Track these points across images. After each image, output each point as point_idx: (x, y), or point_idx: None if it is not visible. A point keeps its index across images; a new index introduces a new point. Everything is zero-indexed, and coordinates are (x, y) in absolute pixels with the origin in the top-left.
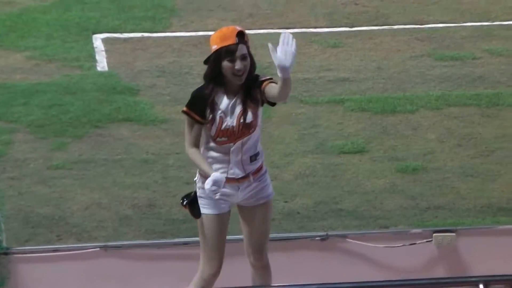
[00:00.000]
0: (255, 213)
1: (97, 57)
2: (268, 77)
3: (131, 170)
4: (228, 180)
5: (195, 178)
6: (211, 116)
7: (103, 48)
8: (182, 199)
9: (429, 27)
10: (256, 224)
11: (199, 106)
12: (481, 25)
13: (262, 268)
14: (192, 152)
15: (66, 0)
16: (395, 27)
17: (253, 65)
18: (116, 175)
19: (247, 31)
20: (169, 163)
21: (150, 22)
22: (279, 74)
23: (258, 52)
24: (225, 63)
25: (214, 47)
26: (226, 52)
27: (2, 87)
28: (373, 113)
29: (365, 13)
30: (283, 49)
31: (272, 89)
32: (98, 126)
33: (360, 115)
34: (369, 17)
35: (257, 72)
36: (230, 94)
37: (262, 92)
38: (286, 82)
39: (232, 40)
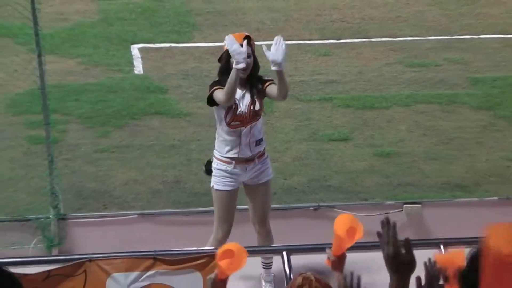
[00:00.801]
0: (258, 190)
1: (135, 62)
2: (270, 79)
3: (161, 154)
4: (238, 161)
5: (211, 160)
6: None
7: (139, 56)
8: (204, 166)
9: (400, 40)
10: (259, 199)
11: (220, 86)
12: (442, 39)
13: (266, 234)
14: (224, 91)
15: (109, 17)
16: (374, 40)
17: (256, 64)
18: (149, 157)
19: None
20: (192, 148)
21: (176, 35)
22: (273, 68)
23: (263, 59)
24: (232, 61)
25: (226, 48)
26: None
27: (58, 87)
28: (356, 108)
29: (350, 28)
30: (275, 47)
31: (272, 89)
32: (135, 118)
33: (345, 110)
34: (352, 31)
35: (261, 74)
36: (240, 86)
37: (264, 90)
38: (281, 76)
39: (240, 41)
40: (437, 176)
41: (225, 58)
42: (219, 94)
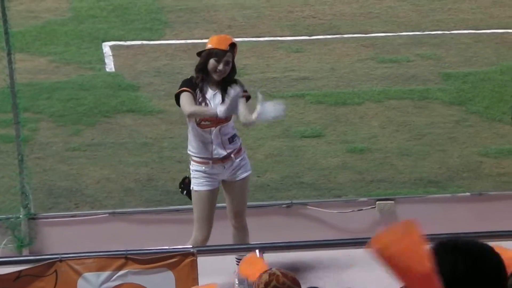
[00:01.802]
0: (236, 185)
1: (106, 60)
2: (245, 90)
3: (133, 151)
4: (214, 160)
5: (188, 177)
6: (200, 99)
7: (110, 53)
8: (180, 186)
9: (372, 36)
10: (236, 194)
11: (190, 87)
12: (414, 34)
13: (242, 228)
14: (192, 109)
15: (80, 14)
16: (345, 36)
17: (233, 70)
18: (121, 155)
19: None
20: (164, 145)
21: (148, 32)
22: (244, 121)
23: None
24: (212, 61)
25: (209, 46)
26: (216, 54)
27: (29, 85)
28: (328, 105)
29: (321, 25)
30: (262, 112)
31: (242, 106)
32: (107, 116)
33: (318, 106)
34: (324, 28)
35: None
36: (212, 86)
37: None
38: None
39: (225, 46)
40: (410, 172)
41: (205, 57)
42: (185, 103)
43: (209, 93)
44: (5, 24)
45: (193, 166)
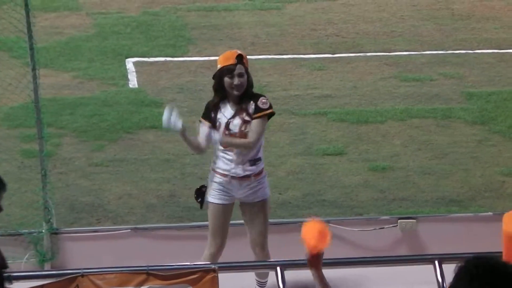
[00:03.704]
0: (254, 210)
1: (129, 76)
2: (264, 108)
3: (155, 167)
4: (232, 178)
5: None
6: (218, 121)
7: (134, 70)
8: (195, 192)
9: (395, 55)
10: (256, 219)
11: (208, 114)
12: (437, 53)
13: (263, 258)
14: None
15: (104, 31)
16: (368, 54)
17: (250, 81)
18: (143, 171)
19: (248, 56)
20: (186, 162)
21: (171, 49)
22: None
23: (259, 73)
24: (226, 79)
25: (219, 66)
26: (227, 70)
27: (53, 100)
28: (350, 123)
29: (344, 43)
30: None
31: (251, 126)
32: (130, 132)
33: (340, 124)
34: (347, 46)
35: (255, 88)
36: (233, 105)
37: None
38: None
39: (232, 60)
40: (432, 191)
41: (218, 77)
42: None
43: (228, 112)
44: (30, 40)
45: (213, 176)
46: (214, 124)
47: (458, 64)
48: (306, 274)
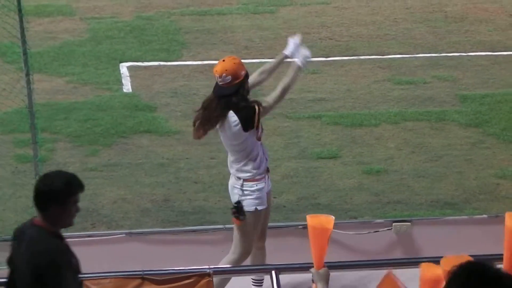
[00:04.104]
0: (269, 200)
1: (123, 81)
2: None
3: (150, 172)
4: (266, 173)
5: (245, 187)
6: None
7: (128, 74)
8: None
9: (389, 58)
10: (268, 210)
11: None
12: (430, 56)
13: (264, 248)
14: (279, 90)
15: (98, 35)
16: (362, 57)
17: None
18: (138, 175)
19: (242, 60)
20: (181, 166)
21: (165, 53)
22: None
23: None
24: (247, 84)
25: (243, 73)
26: (247, 75)
27: (47, 105)
28: (344, 126)
29: (338, 46)
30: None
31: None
32: (124, 137)
33: (334, 128)
34: (341, 49)
35: (251, 93)
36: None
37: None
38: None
39: (243, 68)
40: (426, 193)
41: (247, 82)
42: (272, 101)
43: None
44: (24, 45)
45: (256, 185)
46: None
47: (452, 67)
48: (301, 278)
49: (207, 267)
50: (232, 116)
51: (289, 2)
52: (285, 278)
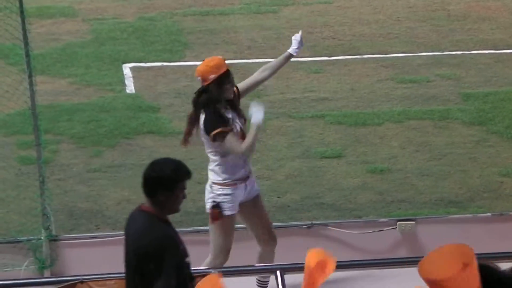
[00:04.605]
0: (256, 203)
1: (126, 82)
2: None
3: None
4: (241, 181)
5: (213, 189)
6: (235, 128)
7: (131, 75)
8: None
9: (392, 56)
10: (260, 210)
11: (223, 119)
12: (433, 55)
13: (273, 251)
14: (243, 146)
15: (101, 36)
16: (365, 56)
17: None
18: (141, 176)
19: (245, 60)
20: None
21: (168, 53)
22: (293, 52)
23: None
24: (227, 86)
25: (213, 76)
26: (226, 77)
27: (50, 107)
28: (348, 125)
29: (341, 45)
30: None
31: (246, 83)
32: (127, 138)
33: (338, 127)
34: (344, 48)
35: (252, 94)
36: (227, 108)
37: (238, 95)
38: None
39: (226, 66)
40: (430, 192)
41: (218, 86)
42: (234, 145)
43: (230, 115)
44: (26, 47)
45: (222, 190)
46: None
47: (455, 65)
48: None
49: (208, 267)
50: (202, 116)
51: (292, 1)
52: (290, 278)
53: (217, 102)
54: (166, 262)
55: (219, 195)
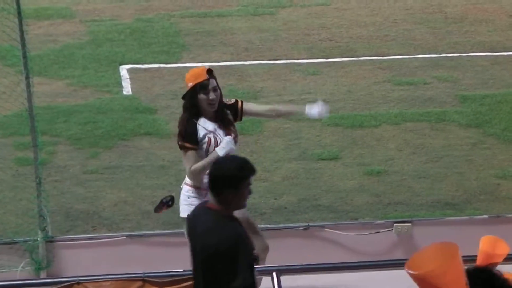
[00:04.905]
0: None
1: (123, 83)
2: (234, 99)
3: (150, 174)
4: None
5: (184, 190)
6: (204, 139)
7: (127, 76)
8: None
9: (389, 59)
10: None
11: (192, 136)
12: (430, 57)
13: (266, 253)
14: (194, 166)
15: (98, 38)
16: (362, 58)
17: (220, 94)
18: (138, 178)
19: (242, 62)
20: (181, 168)
21: (165, 55)
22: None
23: (252, 79)
24: (201, 96)
25: (190, 84)
26: (201, 87)
27: (47, 108)
28: (345, 127)
29: (338, 47)
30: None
31: (254, 107)
32: (124, 139)
33: (334, 129)
34: (341, 50)
35: (249, 93)
36: (211, 119)
37: (241, 110)
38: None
39: (204, 76)
40: (427, 194)
41: (191, 95)
42: (188, 161)
43: (211, 126)
44: (24, 48)
45: (191, 192)
46: (197, 144)
47: (452, 67)
48: (302, 280)
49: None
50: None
51: (289, 3)
52: (286, 280)
53: (191, 110)
54: (241, 260)
55: (188, 197)
